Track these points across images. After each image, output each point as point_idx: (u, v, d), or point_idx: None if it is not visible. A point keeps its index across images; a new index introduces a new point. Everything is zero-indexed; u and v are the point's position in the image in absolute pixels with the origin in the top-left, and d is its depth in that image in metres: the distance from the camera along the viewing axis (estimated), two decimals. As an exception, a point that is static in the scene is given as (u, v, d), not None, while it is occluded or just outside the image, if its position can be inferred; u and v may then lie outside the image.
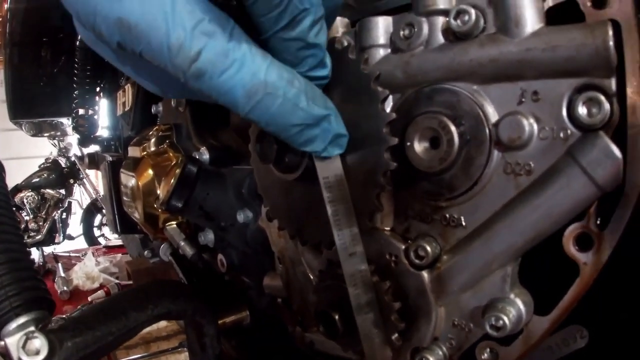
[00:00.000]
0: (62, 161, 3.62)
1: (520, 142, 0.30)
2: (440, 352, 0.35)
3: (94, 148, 1.38)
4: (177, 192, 0.59)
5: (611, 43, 0.26)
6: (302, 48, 0.29)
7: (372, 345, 0.34)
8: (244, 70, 0.27)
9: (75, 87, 1.21)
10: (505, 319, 0.31)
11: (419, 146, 0.33)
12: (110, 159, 0.97)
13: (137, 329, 0.44)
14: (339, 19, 0.40)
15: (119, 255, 2.05)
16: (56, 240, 3.38)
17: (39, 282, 0.46)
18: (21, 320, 0.42)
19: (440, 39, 0.33)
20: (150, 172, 0.69)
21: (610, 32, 0.26)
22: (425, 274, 0.35)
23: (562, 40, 0.28)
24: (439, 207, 0.34)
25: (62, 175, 3.48)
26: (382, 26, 0.36)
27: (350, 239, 0.33)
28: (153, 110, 0.81)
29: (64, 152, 3.61)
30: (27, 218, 3.37)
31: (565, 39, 0.27)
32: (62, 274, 1.93)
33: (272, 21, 0.28)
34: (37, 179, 3.45)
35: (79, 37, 1.16)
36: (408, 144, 0.33)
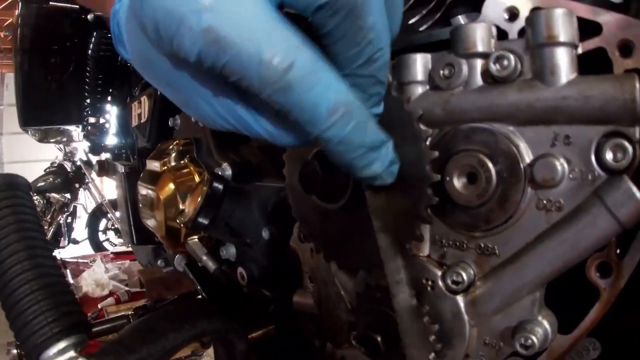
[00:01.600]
0: (68, 165, 3.69)
1: (553, 182, 0.34)
2: (473, 370, 0.40)
3: (103, 156, 1.41)
4: (204, 210, 0.63)
5: (638, 96, 0.31)
6: (373, 84, 0.33)
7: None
8: (330, 89, 0.30)
9: (86, 95, 1.25)
10: (534, 338, 0.35)
11: (457, 182, 0.38)
12: (122, 168, 1.01)
13: (174, 349, 0.48)
14: None
15: (127, 261, 2.09)
16: (61, 244, 3.43)
17: (76, 305, 0.49)
18: (61, 345, 0.46)
19: (478, 80, 0.37)
20: (172, 187, 0.73)
21: (638, 86, 0.31)
22: (460, 298, 0.39)
23: (594, 91, 0.32)
24: (474, 237, 0.39)
25: (67, 179, 3.55)
26: (421, 63, 0.40)
27: (397, 266, 0.38)
28: (170, 123, 0.85)
29: (69, 156, 3.69)
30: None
31: (597, 90, 0.32)
32: (71, 281, 1.97)
33: (350, 59, 0.31)
34: (43, 183, 3.51)
35: (90, 46, 1.20)
36: (447, 179, 0.38)
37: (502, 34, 0.38)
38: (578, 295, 0.37)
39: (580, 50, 0.34)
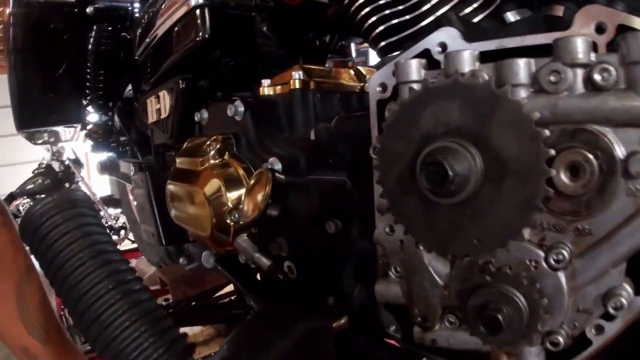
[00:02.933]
0: (56, 165, 3.47)
1: (642, 173, 0.44)
2: (565, 332, 0.49)
3: (100, 155, 1.35)
4: (273, 202, 0.66)
5: None
6: None
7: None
8: None
9: (87, 92, 1.19)
10: (623, 300, 0.46)
11: (563, 175, 0.46)
12: (131, 167, 0.99)
13: (287, 355, 0.51)
14: (469, 52, 0.51)
15: (134, 260, 2.01)
16: None
17: (176, 329, 0.50)
18: None
19: (580, 86, 0.46)
20: (218, 184, 0.75)
21: None
22: (561, 274, 0.48)
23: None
24: (573, 220, 0.48)
25: (57, 180, 3.36)
26: (525, 68, 0.48)
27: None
28: (197, 118, 0.86)
29: (57, 156, 3.46)
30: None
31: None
32: None
33: None
34: (32, 186, 3.31)
35: (90, 41, 1.13)
36: (554, 172, 0.46)
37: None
38: None
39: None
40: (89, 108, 1.27)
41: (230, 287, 1.24)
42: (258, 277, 0.93)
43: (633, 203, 0.45)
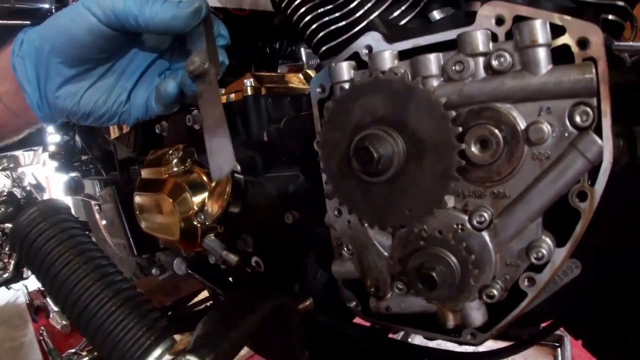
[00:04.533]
0: (18, 192, 3.38)
1: (542, 140, 0.52)
2: (499, 286, 0.57)
3: (65, 177, 1.38)
4: (231, 205, 0.73)
5: (594, 77, 0.50)
6: None
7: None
8: None
9: None
10: (544, 251, 0.54)
11: (474, 147, 0.54)
12: (97, 185, 1.04)
13: (254, 329, 0.57)
14: (388, 52, 0.59)
15: None
16: (24, 275, 3.13)
17: (157, 310, 0.56)
18: (157, 352, 0.52)
19: (481, 72, 0.54)
20: (183, 189, 0.81)
21: (594, 71, 0.50)
22: (485, 234, 0.56)
23: (565, 77, 0.50)
24: (489, 186, 0.56)
25: (19, 206, 3.27)
26: (434, 61, 0.56)
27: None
28: (157, 129, 0.92)
29: (18, 182, 3.38)
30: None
31: (567, 76, 0.50)
32: (56, 308, 1.87)
33: None
34: None
35: None
36: (466, 146, 0.54)
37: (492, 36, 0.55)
38: (563, 219, 0.54)
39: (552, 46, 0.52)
40: (49, 128, 1.30)
41: (205, 293, 1.29)
42: (230, 279, 0.99)
43: (539, 166, 0.53)
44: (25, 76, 0.63)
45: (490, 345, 0.82)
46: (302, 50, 1.17)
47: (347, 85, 0.61)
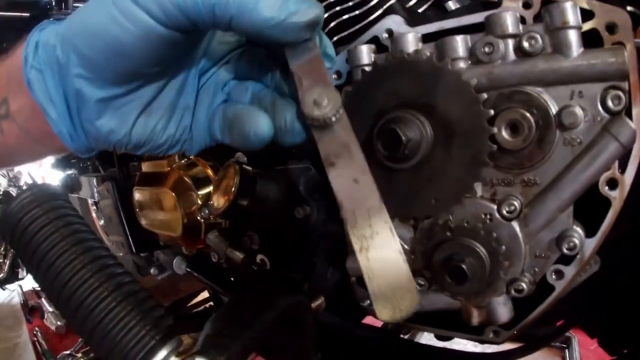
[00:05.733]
0: (14, 192, 3.26)
1: (574, 124, 0.49)
2: (527, 279, 0.54)
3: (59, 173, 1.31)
4: (239, 199, 0.68)
5: (626, 60, 0.47)
6: None
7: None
8: None
9: None
10: (576, 240, 0.50)
11: (505, 132, 0.51)
12: (94, 181, 0.98)
13: (271, 329, 0.52)
14: (412, 34, 0.56)
15: None
16: (20, 276, 2.99)
17: (160, 308, 0.50)
18: (162, 354, 0.45)
19: (511, 55, 0.51)
20: (186, 182, 0.76)
21: (626, 54, 0.47)
22: (514, 224, 0.53)
23: (597, 59, 0.47)
24: (519, 173, 0.53)
25: None
26: (462, 43, 0.53)
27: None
28: (160, 123, 0.87)
29: (14, 182, 3.25)
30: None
31: (599, 59, 0.47)
32: (50, 309, 1.78)
33: None
34: None
35: None
36: (496, 130, 0.51)
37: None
38: (591, 209, 0.51)
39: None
40: None
41: (205, 294, 1.23)
42: (232, 278, 0.93)
43: (571, 151, 0.50)
44: (46, 97, 0.44)
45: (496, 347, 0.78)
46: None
47: (368, 69, 0.57)
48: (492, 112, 0.49)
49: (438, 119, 0.52)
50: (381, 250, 0.38)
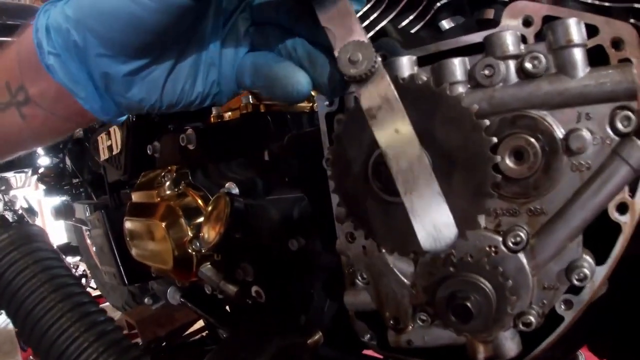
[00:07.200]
0: (9, 216, 3.18)
1: (582, 149, 0.45)
2: (535, 312, 0.49)
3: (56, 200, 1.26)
4: (232, 225, 0.63)
5: (635, 79, 0.43)
6: None
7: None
8: None
9: None
10: (586, 271, 0.46)
11: (509, 160, 0.47)
12: (87, 209, 0.93)
13: None
14: (407, 57, 0.52)
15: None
16: None
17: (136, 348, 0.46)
18: None
19: (513, 76, 0.47)
20: (177, 214, 0.71)
21: (634, 72, 0.43)
22: (521, 255, 0.48)
23: (606, 79, 0.43)
24: (524, 203, 0.48)
25: None
26: (460, 65, 0.49)
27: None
28: (149, 151, 0.82)
29: (9, 205, 3.18)
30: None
31: (608, 78, 0.43)
32: None
33: None
34: None
35: None
36: (500, 158, 0.46)
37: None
38: (604, 233, 0.47)
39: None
40: (39, 150, 1.19)
41: (200, 323, 1.18)
42: (228, 308, 0.88)
43: (579, 177, 0.46)
44: (71, 80, 0.44)
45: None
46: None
47: (361, 96, 0.53)
48: (495, 139, 0.45)
49: (437, 147, 0.47)
50: (423, 192, 0.42)
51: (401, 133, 0.43)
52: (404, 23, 0.65)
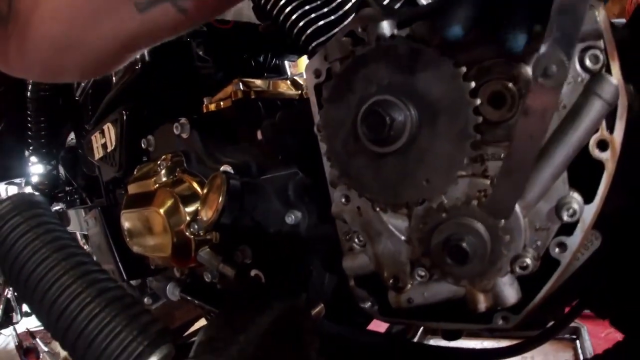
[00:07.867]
0: None
1: (557, 88, 0.47)
2: (531, 254, 0.50)
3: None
4: (228, 208, 0.64)
5: (598, 19, 0.46)
6: None
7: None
8: None
9: (29, 142, 1.12)
10: (575, 206, 0.47)
11: (487, 104, 0.49)
12: (83, 213, 0.94)
13: (266, 332, 0.47)
14: (387, 21, 0.55)
15: None
16: (14, 320, 2.81)
17: (148, 313, 0.46)
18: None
19: (486, 29, 0.49)
20: (174, 199, 0.72)
21: (597, 14, 0.46)
22: (510, 197, 0.50)
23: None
24: (507, 145, 0.50)
25: None
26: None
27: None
28: (144, 145, 0.83)
29: None
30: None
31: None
32: (46, 349, 1.70)
33: None
34: None
35: (29, 87, 1.08)
36: (479, 101, 0.49)
37: None
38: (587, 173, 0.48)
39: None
40: (32, 158, 1.20)
41: (200, 323, 1.16)
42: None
43: (557, 117, 0.48)
44: None
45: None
46: (287, 63, 1.13)
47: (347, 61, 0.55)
48: (473, 84, 0.47)
49: (420, 99, 0.49)
50: None
51: None
52: (385, 1, 0.68)
